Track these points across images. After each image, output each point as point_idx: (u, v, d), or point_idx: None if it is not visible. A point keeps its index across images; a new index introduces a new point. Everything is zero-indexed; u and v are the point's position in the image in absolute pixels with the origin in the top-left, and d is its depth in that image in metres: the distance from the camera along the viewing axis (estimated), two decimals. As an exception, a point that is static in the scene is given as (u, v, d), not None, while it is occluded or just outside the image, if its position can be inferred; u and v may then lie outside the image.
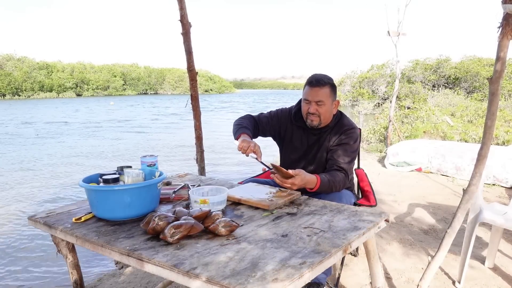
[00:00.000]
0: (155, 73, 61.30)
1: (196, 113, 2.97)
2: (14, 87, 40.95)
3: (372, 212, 1.41)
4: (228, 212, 1.43)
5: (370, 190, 2.10)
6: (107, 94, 50.65)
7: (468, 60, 20.02)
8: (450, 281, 2.13)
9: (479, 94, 15.29)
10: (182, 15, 2.72)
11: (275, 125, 2.02)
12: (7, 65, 43.24)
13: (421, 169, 4.94)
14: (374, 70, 22.91)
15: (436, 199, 3.77)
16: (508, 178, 4.14)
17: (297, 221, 1.31)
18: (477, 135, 6.54)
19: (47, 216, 1.38)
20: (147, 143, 9.60)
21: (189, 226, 1.13)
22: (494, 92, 1.54)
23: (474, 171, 1.63)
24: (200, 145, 3.03)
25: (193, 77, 2.90)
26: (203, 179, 1.95)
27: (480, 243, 2.65)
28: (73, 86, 47.86)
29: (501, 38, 1.48)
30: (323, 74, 1.88)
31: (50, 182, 5.42)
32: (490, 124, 1.57)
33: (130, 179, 1.39)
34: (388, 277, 2.18)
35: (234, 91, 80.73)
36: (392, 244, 2.67)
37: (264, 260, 1.00)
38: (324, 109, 1.83)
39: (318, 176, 1.65)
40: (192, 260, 1.00)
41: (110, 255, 1.14)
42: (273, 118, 2.03)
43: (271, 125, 2.01)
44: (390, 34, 6.31)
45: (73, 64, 52.41)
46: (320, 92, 1.81)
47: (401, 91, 16.09)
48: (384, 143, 6.94)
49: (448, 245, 1.72)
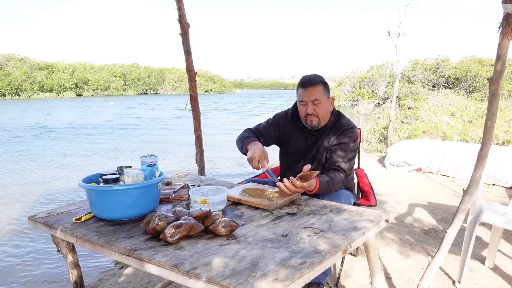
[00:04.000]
0: (155, 73, 61.26)
1: (195, 113, 2.97)
2: (14, 87, 40.92)
3: (372, 212, 1.41)
4: (228, 212, 1.43)
5: (370, 190, 2.10)
6: (107, 94, 50.63)
7: (468, 60, 20.01)
8: (450, 281, 2.13)
9: (479, 94, 15.28)
10: (181, 15, 2.72)
11: (275, 131, 2.02)
12: (8, 65, 43.23)
13: (421, 169, 4.94)
14: (374, 70, 22.91)
15: (436, 199, 3.77)
16: (508, 178, 4.14)
17: (297, 221, 1.31)
18: (477, 135, 6.54)
19: (47, 216, 1.38)
20: (147, 143, 9.61)
21: (189, 226, 1.13)
22: (494, 92, 1.54)
23: (474, 171, 1.63)
24: (200, 145, 3.03)
25: (192, 78, 2.90)
26: (203, 179, 1.95)
27: (480, 243, 2.65)
28: (73, 86, 47.83)
29: (501, 38, 1.48)
30: (313, 74, 1.89)
31: (50, 182, 5.42)
32: (490, 125, 1.57)
33: (130, 179, 1.39)
34: (388, 277, 2.18)
35: (234, 91, 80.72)
36: (392, 244, 2.67)
37: (264, 260, 1.00)
38: (321, 107, 1.83)
39: (317, 178, 1.65)
40: (192, 260, 1.00)
41: (110, 255, 1.14)
42: (272, 125, 2.03)
43: (271, 133, 2.02)
44: (390, 34, 6.31)
45: (73, 64, 52.39)
46: (314, 91, 1.81)
47: (401, 91, 16.08)
48: (384, 143, 6.94)
49: (448, 245, 1.72)
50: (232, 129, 12.57)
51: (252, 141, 1.84)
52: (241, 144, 1.89)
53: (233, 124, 14.48)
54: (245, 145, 1.83)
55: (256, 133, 2.00)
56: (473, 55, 20.73)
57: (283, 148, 2.06)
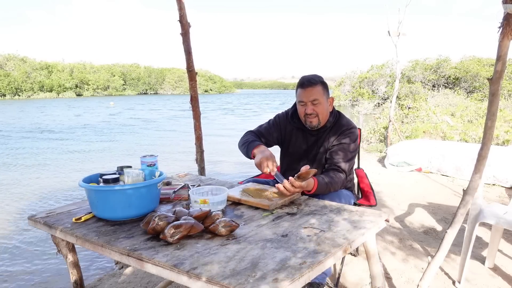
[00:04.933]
0: (155, 73, 61.28)
1: (195, 113, 2.97)
2: (14, 87, 40.92)
3: (372, 212, 1.41)
4: (228, 212, 1.43)
5: (370, 190, 2.10)
6: (107, 94, 50.63)
7: (468, 60, 20.01)
8: (450, 281, 2.13)
9: (479, 94, 15.28)
10: (181, 16, 2.72)
11: (276, 133, 2.02)
12: (8, 65, 43.23)
13: (421, 169, 4.93)
14: (374, 70, 22.92)
15: (436, 199, 3.77)
16: (508, 178, 4.14)
17: (297, 221, 1.31)
18: (477, 135, 6.54)
19: (47, 216, 1.38)
20: (147, 142, 9.60)
21: (189, 226, 1.13)
22: (494, 92, 1.53)
23: (474, 171, 1.63)
24: (200, 145, 3.03)
25: (192, 77, 2.90)
26: (203, 179, 1.95)
27: (480, 243, 2.65)
28: (73, 86, 47.84)
29: (501, 38, 1.48)
30: (312, 74, 1.89)
31: (50, 182, 5.42)
32: (490, 125, 1.57)
33: (130, 179, 1.39)
34: (388, 277, 2.18)
35: (234, 91, 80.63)
36: (392, 244, 2.67)
37: (264, 260, 1.00)
38: (320, 107, 1.83)
39: (315, 178, 1.65)
40: (192, 260, 1.00)
41: (110, 255, 1.14)
42: (273, 127, 2.03)
43: (273, 134, 2.02)
44: (390, 34, 6.31)
45: (73, 64, 52.39)
46: (313, 91, 1.81)
47: (401, 91, 16.08)
48: (384, 143, 6.94)
49: (448, 245, 1.72)
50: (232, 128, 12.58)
51: (258, 145, 1.82)
52: (246, 148, 1.87)
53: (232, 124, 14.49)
54: (251, 150, 1.82)
55: (259, 136, 1.99)
56: (473, 55, 20.74)
57: (283, 149, 2.06)
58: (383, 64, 22.71)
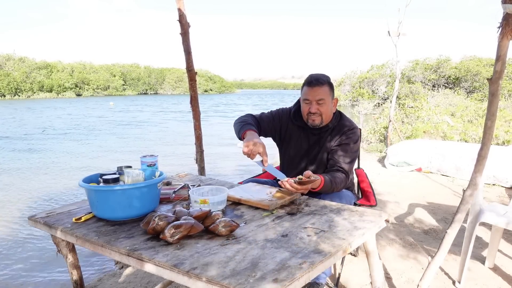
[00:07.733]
0: (155, 73, 61.28)
1: (195, 113, 2.97)
2: (14, 87, 40.91)
3: (372, 212, 1.41)
4: (228, 212, 1.43)
5: (370, 190, 2.10)
6: (107, 94, 50.63)
7: (468, 60, 20.01)
8: (450, 281, 2.13)
9: (479, 94, 15.28)
10: (181, 15, 2.72)
11: (276, 125, 2.00)
12: (7, 65, 43.22)
13: (421, 169, 4.94)
14: (374, 70, 22.93)
15: (436, 199, 3.77)
16: (508, 178, 4.14)
17: (297, 221, 1.31)
18: (477, 135, 6.54)
19: (47, 216, 1.38)
20: (147, 142, 9.60)
21: (189, 226, 1.13)
22: (494, 92, 1.53)
23: (474, 171, 1.63)
24: (200, 145, 3.03)
25: (192, 77, 2.90)
26: (203, 179, 1.94)
27: (480, 243, 2.65)
28: (73, 86, 47.84)
29: (501, 38, 1.48)
30: (320, 74, 1.88)
31: (50, 182, 5.42)
32: (490, 125, 1.57)
33: (130, 179, 1.39)
34: (388, 277, 2.18)
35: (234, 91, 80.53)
36: (392, 244, 2.67)
37: (264, 260, 1.00)
38: (325, 107, 1.83)
39: (322, 176, 1.65)
40: (192, 260, 1.00)
41: (110, 255, 1.14)
42: (274, 118, 2.00)
43: (272, 125, 1.99)
44: (390, 34, 6.31)
45: (73, 64, 52.39)
46: (320, 90, 1.81)
47: (401, 91, 16.10)
48: (384, 143, 6.94)
49: (448, 245, 1.72)
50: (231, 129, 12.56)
51: (251, 129, 1.75)
52: (239, 127, 1.81)
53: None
54: (243, 131, 1.75)
55: (258, 121, 1.96)
56: (474, 55, 20.74)
57: (283, 147, 2.04)
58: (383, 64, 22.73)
